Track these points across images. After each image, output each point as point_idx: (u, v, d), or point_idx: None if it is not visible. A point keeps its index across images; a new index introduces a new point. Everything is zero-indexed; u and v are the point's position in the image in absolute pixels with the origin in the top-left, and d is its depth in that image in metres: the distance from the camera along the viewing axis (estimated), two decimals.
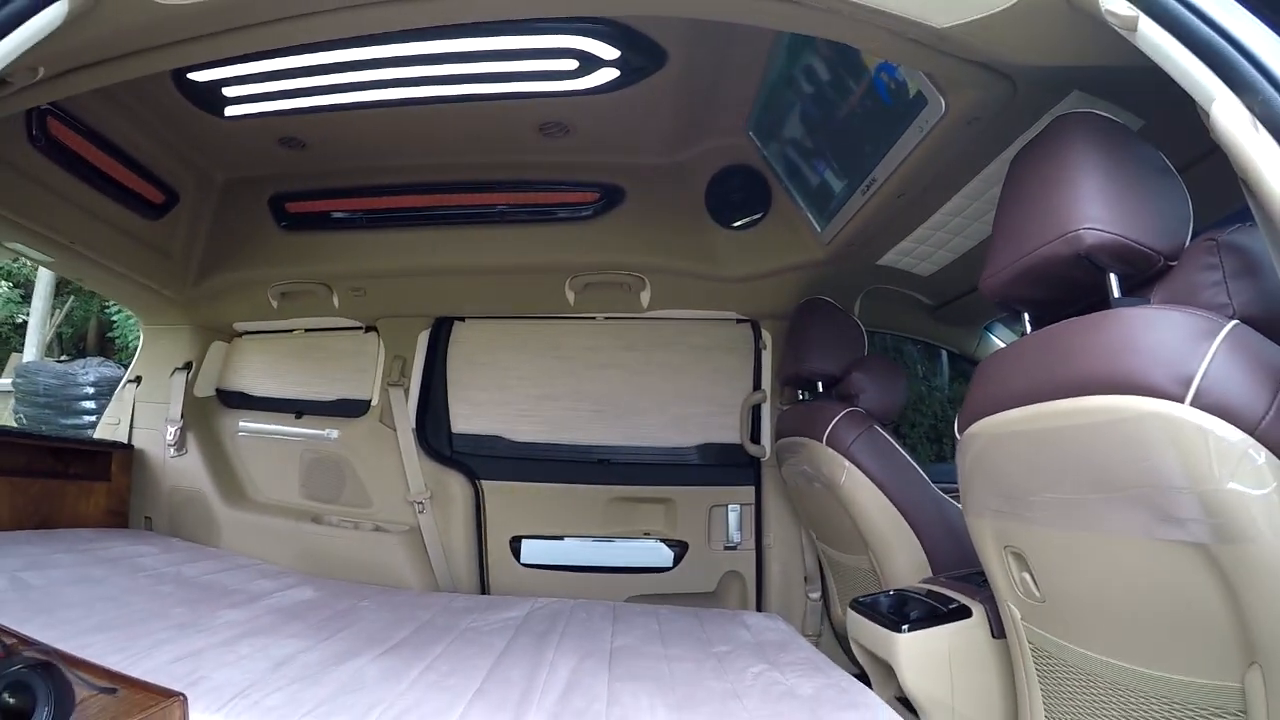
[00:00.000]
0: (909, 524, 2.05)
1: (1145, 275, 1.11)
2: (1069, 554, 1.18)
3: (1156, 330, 0.95)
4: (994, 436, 1.26)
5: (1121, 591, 1.10)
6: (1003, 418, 1.21)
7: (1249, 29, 0.87)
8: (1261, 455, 0.86)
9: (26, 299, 8.25)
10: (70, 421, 5.77)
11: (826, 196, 2.21)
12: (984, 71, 1.39)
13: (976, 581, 1.68)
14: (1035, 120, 1.52)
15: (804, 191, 2.33)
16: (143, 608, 1.93)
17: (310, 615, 2.09)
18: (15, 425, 6.22)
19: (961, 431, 1.36)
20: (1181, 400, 0.90)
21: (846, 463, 2.08)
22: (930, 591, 1.76)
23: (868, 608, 1.80)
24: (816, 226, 2.35)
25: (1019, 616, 1.37)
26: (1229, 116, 0.84)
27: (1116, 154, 1.10)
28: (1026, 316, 1.32)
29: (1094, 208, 1.06)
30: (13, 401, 6.27)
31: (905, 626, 1.60)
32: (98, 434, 3.38)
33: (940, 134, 1.61)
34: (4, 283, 8.36)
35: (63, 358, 7.50)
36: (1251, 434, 0.87)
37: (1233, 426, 0.87)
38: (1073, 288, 1.18)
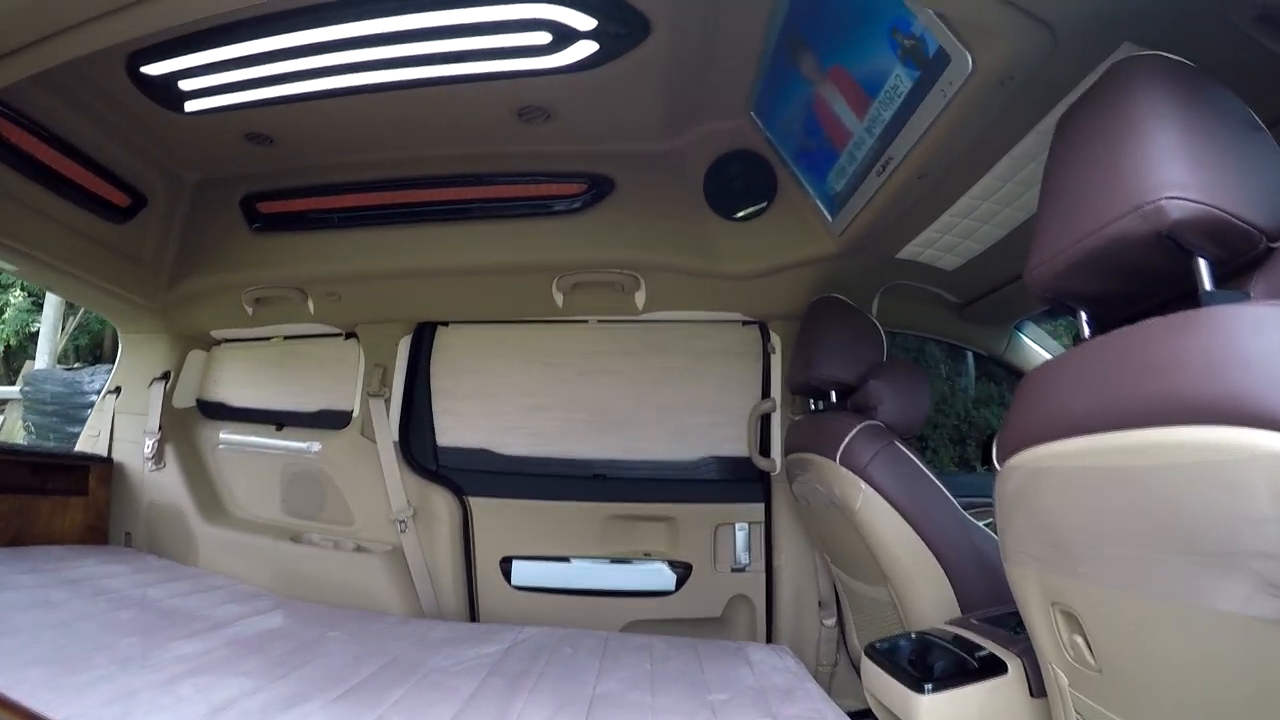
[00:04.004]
0: (935, 556, 1.80)
1: (1240, 261, 0.86)
2: (1136, 621, 0.93)
3: (1272, 336, 0.71)
4: (1042, 470, 1.01)
5: (1204, 674, 0.86)
6: (1055, 449, 0.97)
7: None
8: None
9: (39, 307, 8.30)
10: (76, 430, 5.70)
11: (838, 181, 1.97)
12: (1019, 16, 1.17)
13: (1010, 625, 1.45)
14: (1078, 81, 1.30)
15: (813, 177, 2.09)
16: (92, 638, 1.82)
17: (271, 648, 1.96)
18: (23, 433, 6.24)
19: (1002, 461, 1.12)
20: None
21: (863, 484, 1.84)
22: (957, 637, 1.52)
23: (885, 656, 1.55)
24: (828, 216, 2.11)
25: (1066, 683, 1.13)
26: None
27: (1197, 104, 0.86)
28: (1084, 317, 1.05)
29: (1178, 171, 0.82)
30: (22, 410, 6.27)
31: (929, 686, 1.35)
32: (79, 446, 3.26)
33: (967, 98, 1.37)
34: (19, 293, 8.42)
35: (76, 365, 7.52)
36: None
37: None
38: (1147, 277, 0.94)
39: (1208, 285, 0.84)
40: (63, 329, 8.53)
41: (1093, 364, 0.94)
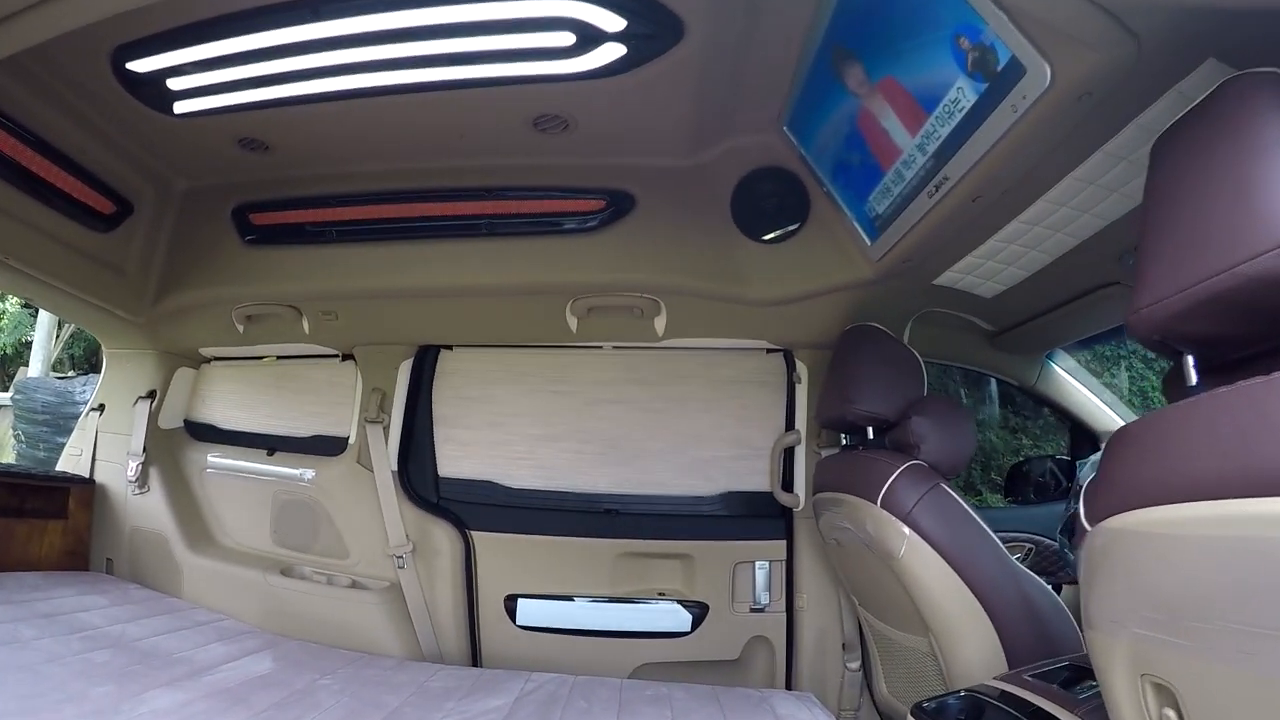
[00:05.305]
0: (983, 607, 1.66)
1: None
2: (1247, 700, 0.80)
3: None
4: (1149, 535, 0.87)
5: None
6: (1171, 513, 0.83)
7: None
8: None
9: (37, 314, 8.14)
10: (65, 440, 5.56)
11: (880, 202, 1.82)
12: (1109, 25, 1.06)
13: (1061, 680, 1.35)
14: (1155, 98, 1.22)
15: (851, 197, 1.95)
16: (61, 685, 1.69)
17: (256, 698, 1.80)
18: (13, 441, 6.09)
19: (1094, 521, 0.98)
20: None
21: (907, 530, 1.69)
22: (1007, 695, 1.39)
23: (933, 718, 1.42)
24: (866, 239, 1.96)
25: None
26: None
27: None
28: (1191, 362, 0.93)
29: None
30: (12, 417, 6.11)
31: None
32: (60, 465, 3.10)
33: (1040, 114, 1.24)
34: (15, 299, 8.25)
35: (70, 374, 7.36)
36: None
37: None
38: (1275, 320, 0.83)
39: None
40: (57, 336, 8.37)
41: (1221, 420, 0.80)
